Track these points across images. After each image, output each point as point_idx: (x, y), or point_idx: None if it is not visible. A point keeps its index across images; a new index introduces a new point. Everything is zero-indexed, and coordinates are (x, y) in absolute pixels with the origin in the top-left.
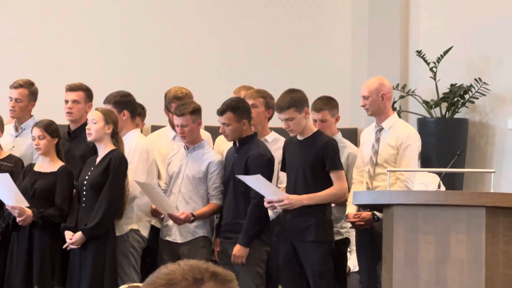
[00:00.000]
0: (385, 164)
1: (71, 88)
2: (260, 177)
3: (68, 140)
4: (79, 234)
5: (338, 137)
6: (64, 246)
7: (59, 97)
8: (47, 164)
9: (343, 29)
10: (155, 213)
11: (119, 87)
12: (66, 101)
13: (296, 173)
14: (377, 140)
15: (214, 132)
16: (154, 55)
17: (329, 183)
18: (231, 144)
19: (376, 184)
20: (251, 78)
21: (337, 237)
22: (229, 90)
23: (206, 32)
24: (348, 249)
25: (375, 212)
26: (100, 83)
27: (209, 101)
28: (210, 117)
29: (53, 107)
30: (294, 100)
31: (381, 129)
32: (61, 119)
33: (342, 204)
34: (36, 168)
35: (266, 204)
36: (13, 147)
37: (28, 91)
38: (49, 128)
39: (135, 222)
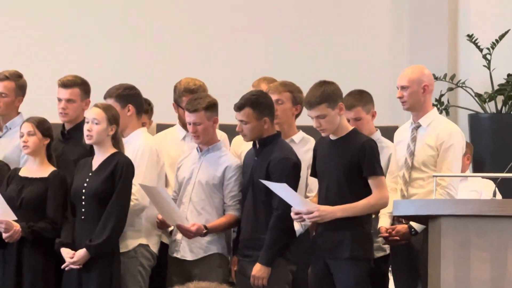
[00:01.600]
0: (422, 167)
1: (64, 85)
2: (286, 187)
3: (62, 141)
4: (82, 251)
5: (377, 136)
6: (64, 266)
7: (52, 92)
8: (36, 168)
9: (381, 11)
10: (161, 225)
11: (120, 80)
12: (59, 100)
13: (329, 179)
14: (413, 139)
15: (230, 131)
16: (160, 42)
17: (368, 191)
18: (250, 145)
19: (412, 191)
20: (274, 69)
21: (378, 254)
22: (248, 83)
23: (221, 15)
24: (390, 268)
25: (412, 224)
26: (99, 75)
27: (225, 95)
28: (226, 114)
29: (45, 103)
30: (327, 94)
31: (418, 126)
32: (54, 117)
33: None
34: (22, 173)
35: (293, 216)
36: None
37: (15, 84)
38: (42, 125)
39: (144, 236)
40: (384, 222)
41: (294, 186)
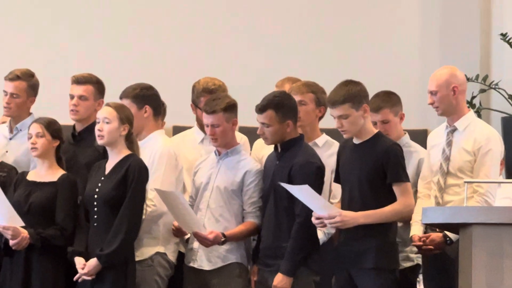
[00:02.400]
0: (458, 173)
1: (78, 81)
2: (307, 188)
3: (73, 143)
4: (93, 261)
5: (405, 139)
6: (76, 277)
7: (65, 92)
8: (44, 172)
9: (410, 10)
10: (177, 233)
11: (135, 80)
12: (71, 96)
13: (352, 185)
14: (449, 143)
15: (251, 134)
16: (178, 40)
17: (392, 198)
18: (272, 149)
19: (447, 199)
20: (298, 68)
21: (406, 264)
22: (270, 84)
23: (243, 13)
24: (418, 278)
25: (447, 233)
26: (113, 75)
27: (246, 96)
28: (246, 116)
29: (57, 104)
30: (351, 93)
31: (454, 130)
32: (66, 119)
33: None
34: (30, 177)
35: (314, 221)
36: (7, 152)
37: (27, 84)
38: (51, 126)
39: (161, 244)
40: (416, 230)
41: (318, 191)
